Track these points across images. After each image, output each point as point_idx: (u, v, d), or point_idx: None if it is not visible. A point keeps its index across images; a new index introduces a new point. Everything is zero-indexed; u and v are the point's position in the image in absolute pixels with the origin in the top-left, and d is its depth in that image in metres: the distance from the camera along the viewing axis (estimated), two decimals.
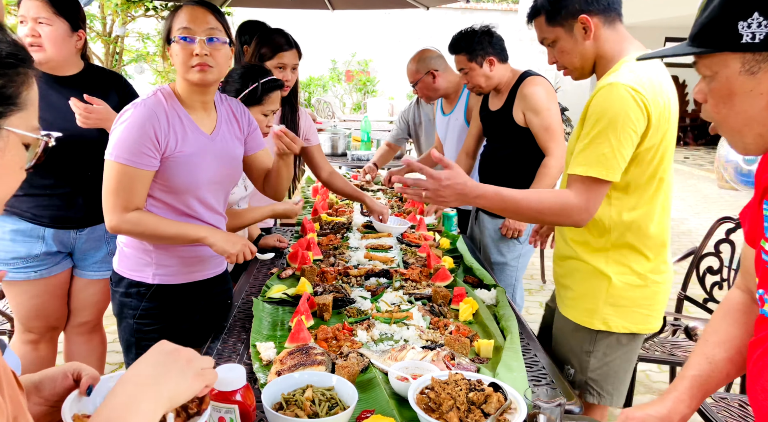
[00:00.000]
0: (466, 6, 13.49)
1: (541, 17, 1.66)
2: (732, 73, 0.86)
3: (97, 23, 7.32)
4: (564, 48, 1.65)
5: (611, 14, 1.61)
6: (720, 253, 2.60)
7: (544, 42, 1.70)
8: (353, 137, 5.41)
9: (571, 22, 1.61)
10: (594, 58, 1.64)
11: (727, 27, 0.83)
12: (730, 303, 1.20)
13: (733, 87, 0.87)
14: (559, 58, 1.68)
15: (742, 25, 0.82)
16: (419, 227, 2.75)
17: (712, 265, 2.62)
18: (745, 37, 0.82)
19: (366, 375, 1.44)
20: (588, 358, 1.74)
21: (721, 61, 0.87)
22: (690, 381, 1.14)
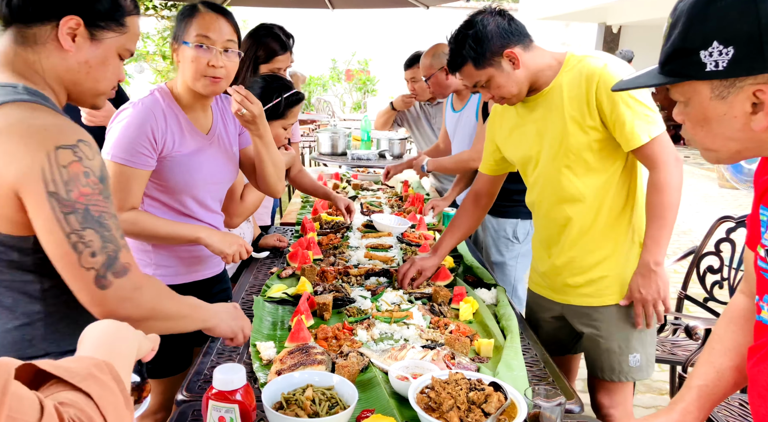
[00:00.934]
0: (466, 5, 13.48)
1: (468, 65, 1.74)
2: (704, 99, 0.87)
3: None
4: (499, 83, 1.74)
5: (525, 40, 1.73)
6: (720, 252, 2.60)
7: (477, 85, 1.78)
8: (353, 137, 5.41)
9: (497, 60, 1.71)
10: (528, 81, 1.75)
11: (690, 57, 0.84)
12: (735, 310, 1.18)
13: (706, 112, 0.88)
14: (497, 92, 1.77)
15: (704, 54, 0.83)
16: (419, 226, 2.75)
17: (713, 264, 2.61)
18: (709, 66, 0.83)
19: (366, 374, 1.44)
20: (646, 331, 1.79)
21: (691, 88, 0.88)
22: (697, 392, 1.12)
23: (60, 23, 1.04)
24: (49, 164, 0.94)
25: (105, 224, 1.01)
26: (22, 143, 0.94)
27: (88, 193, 0.98)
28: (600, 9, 11.03)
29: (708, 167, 10.18)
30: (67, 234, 0.97)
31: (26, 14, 1.04)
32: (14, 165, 0.94)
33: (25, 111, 0.98)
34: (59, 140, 0.96)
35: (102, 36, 1.09)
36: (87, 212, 0.98)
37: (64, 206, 0.96)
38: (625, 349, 1.79)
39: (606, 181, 1.73)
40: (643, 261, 1.70)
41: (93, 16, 1.07)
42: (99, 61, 1.10)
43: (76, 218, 0.97)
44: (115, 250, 1.02)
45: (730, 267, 2.58)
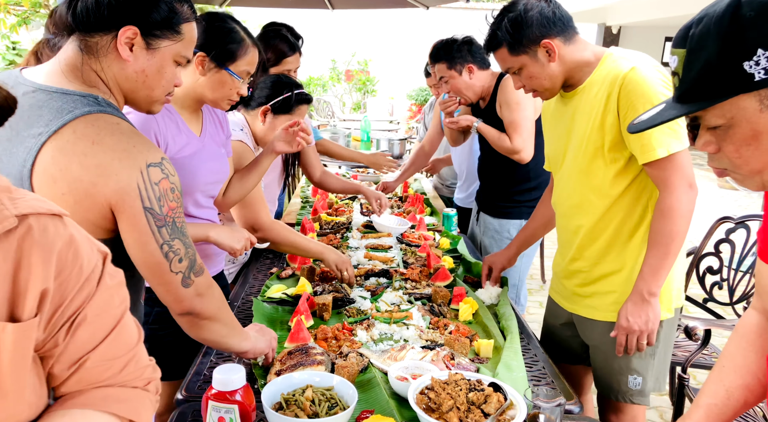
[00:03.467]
0: (466, 6, 13.49)
1: (503, 48, 1.66)
2: (751, 114, 0.83)
3: None
4: (532, 73, 1.66)
5: (569, 32, 1.64)
6: (720, 253, 2.60)
7: (510, 71, 1.72)
8: (353, 137, 5.41)
9: (534, 48, 1.63)
10: (563, 75, 1.67)
11: (732, 71, 0.81)
12: (747, 327, 1.14)
13: (757, 127, 0.83)
14: (528, 83, 1.70)
15: (749, 65, 0.79)
16: (419, 226, 2.75)
17: (712, 265, 2.62)
18: (758, 75, 0.79)
19: (366, 375, 1.44)
20: (653, 354, 1.69)
21: (734, 105, 0.83)
22: (705, 411, 1.10)
23: (119, 33, 1.07)
24: (144, 182, 1.04)
25: (185, 233, 1.14)
26: (117, 158, 1.01)
27: (175, 207, 1.10)
28: (600, 10, 11.03)
29: (707, 167, 10.16)
30: (160, 245, 1.08)
31: (88, 24, 1.08)
32: (112, 179, 1.01)
33: (111, 124, 1.04)
34: (149, 157, 1.05)
35: (158, 45, 1.12)
36: (174, 224, 1.10)
37: (158, 220, 1.07)
38: (624, 369, 1.71)
39: (620, 195, 1.64)
40: (637, 289, 1.58)
41: (149, 25, 1.10)
42: (155, 69, 1.13)
43: (167, 230, 1.09)
44: (193, 254, 1.16)
45: (730, 268, 2.58)
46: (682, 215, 1.53)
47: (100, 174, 1.00)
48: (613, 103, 1.56)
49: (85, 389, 0.77)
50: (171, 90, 1.21)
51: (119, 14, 1.07)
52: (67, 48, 1.10)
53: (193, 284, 1.16)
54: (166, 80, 1.16)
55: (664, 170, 1.53)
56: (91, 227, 1.03)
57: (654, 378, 1.73)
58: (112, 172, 1.00)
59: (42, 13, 6.21)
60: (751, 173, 0.88)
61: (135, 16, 1.08)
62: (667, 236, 1.54)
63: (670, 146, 1.50)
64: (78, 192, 1.00)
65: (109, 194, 1.01)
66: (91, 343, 0.75)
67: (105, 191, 1.01)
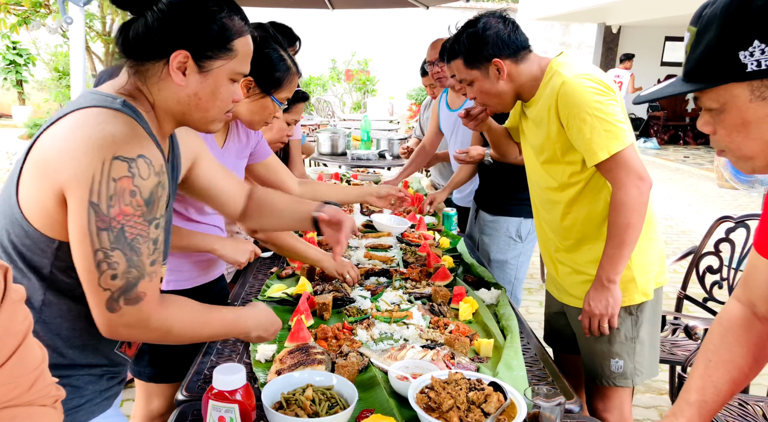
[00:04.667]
0: (466, 5, 13.49)
1: (459, 60, 1.80)
2: (742, 103, 0.85)
3: (97, 22, 7.32)
4: (482, 88, 1.80)
5: (521, 53, 1.76)
6: (720, 252, 2.60)
7: (463, 82, 1.84)
8: (353, 137, 5.42)
9: (486, 65, 1.75)
10: (512, 92, 1.80)
11: (728, 58, 0.83)
12: (731, 319, 1.15)
13: (746, 115, 0.86)
14: (478, 96, 1.83)
15: (744, 55, 0.81)
16: (419, 226, 2.75)
17: (712, 264, 2.62)
18: (750, 66, 0.81)
19: (366, 374, 1.44)
20: (636, 337, 1.78)
21: (728, 92, 0.86)
22: (698, 408, 1.10)
23: (170, 59, 1.05)
24: (101, 174, 0.94)
25: (136, 249, 0.98)
26: (85, 145, 0.95)
27: (129, 213, 0.96)
28: (600, 9, 11.03)
29: (707, 167, 10.19)
30: (94, 250, 0.95)
31: (138, 53, 1.06)
32: (70, 164, 0.94)
33: (107, 116, 0.99)
34: (120, 150, 0.95)
35: (210, 66, 1.08)
36: (121, 233, 0.96)
37: (101, 221, 0.95)
38: (606, 354, 1.79)
39: (580, 191, 1.76)
40: (597, 276, 1.71)
41: (200, 47, 1.06)
42: (209, 91, 1.10)
43: (109, 236, 0.96)
44: (137, 277, 0.99)
45: (730, 267, 2.58)
46: (633, 207, 1.63)
47: (62, 155, 0.95)
48: (554, 114, 1.69)
49: None
50: (230, 107, 1.16)
51: (169, 39, 1.04)
52: (122, 73, 1.11)
53: (119, 311, 0.99)
54: (221, 100, 1.12)
55: (610, 170, 1.64)
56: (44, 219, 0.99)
57: (637, 361, 1.80)
58: (74, 157, 0.94)
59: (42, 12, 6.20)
60: (744, 158, 0.91)
61: (185, 39, 1.04)
62: (620, 227, 1.64)
63: (610, 147, 1.61)
64: (41, 170, 0.97)
65: (63, 178, 0.95)
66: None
67: (61, 175, 0.95)
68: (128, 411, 2.30)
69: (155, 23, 1.04)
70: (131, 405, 1.90)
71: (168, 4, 1.05)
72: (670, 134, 13.47)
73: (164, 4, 1.04)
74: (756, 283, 1.10)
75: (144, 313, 1.02)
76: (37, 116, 10.34)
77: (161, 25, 1.04)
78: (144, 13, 1.05)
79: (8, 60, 11.70)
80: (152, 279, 1.02)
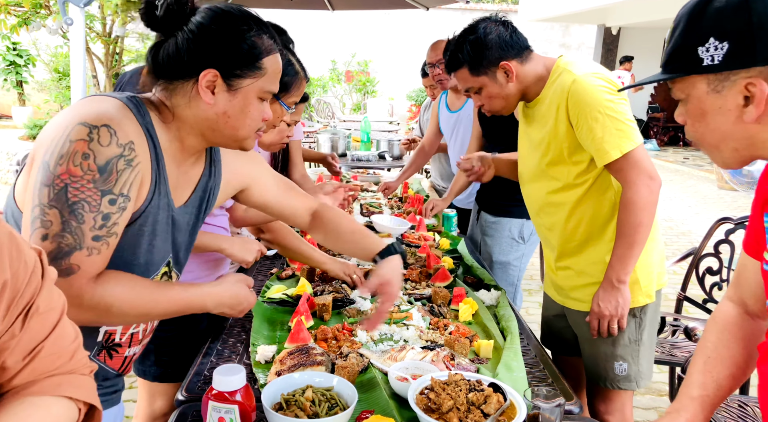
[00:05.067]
0: (466, 6, 13.49)
1: (464, 69, 1.77)
2: (701, 94, 0.94)
3: (97, 23, 7.33)
4: (491, 93, 1.77)
5: (524, 53, 1.74)
6: (719, 254, 2.60)
7: (470, 91, 1.81)
8: (353, 138, 5.43)
9: (493, 70, 1.73)
10: (519, 93, 1.78)
11: (689, 53, 0.92)
12: (726, 319, 1.18)
13: (704, 106, 0.94)
14: (487, 102, 1.80)
15: (701, 50, 0.91)
16: (419, 227, 2.75)
17: (712, 266, 2.62)
18: (706, 61, 0.90)
19: (366, 375, 1.44)
20: (639, 339, 1.77)
21: (690, 84, 0.95)
22: (700, 403, 1.12)
23: (199, 78, 1.06)
24: (60, 135, 0.94)
25: (77, 213, 0.93)
26: (62, 116, 0.97)
27: (77, 174, 0.93)
28: (600, 11, 11.04)
29: (707, 168, 10.19)
30: (33, 207, 0.93)
31: (168, 73, 1.08)
32: (43, 133, 0.97)
33: (98, 100, 1.01)
34: (87, 117, 0.96)
35: (239, 85, 1.09)
36: (63, 192, 0.92)
37: (46, 178, 0.93)
38: (610, 356, 1.79)
39: (586, 192, 1.74)
40: (607, 277, 1.70)
41: (229, 65, 1.07)
42: (238, 110, 1.11)
43: (49, 192, 0.92)
44: (70, 246, 0.93)
45: (729, 269, 2.58)
46: (644, 206, 1.63)
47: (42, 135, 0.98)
48: (563, 113, 1.67)
49: (37, 379, 0.78)
50: (260, 126, 1.17)
51: (199, 58, 1.05)
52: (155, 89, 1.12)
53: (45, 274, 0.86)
54: (250, 118, 1.13)
55: (621, 169, 1.63)
56: None
57: (640, 364, 1.80)
58: (46, 130, 0.97)
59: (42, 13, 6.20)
60: (710, 148, 0.99)
61: (214, 58, 1.05)
62: (631, 227, 1.64)
63: (622, 146, 1.60)
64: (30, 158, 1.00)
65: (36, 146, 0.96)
66: (44, 333, 0.77)
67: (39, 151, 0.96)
68: (130, 412, 2.30)
69: (185, 43, 1.05)
70: (133, 406, 1.90)
71: (198, 24, 1.06)
72: (670, 135, 13.49)
73: (194, 25, 1.06)
74: (747, 282, 1.14)
75: (74, 288, 0.95)
76: (37, 117, 10.34)
77: (191, 45, 1.05)
78: (175, 34, 1.06)
79: (8, 61, 11.71)
80: (91, 254, 0.97)
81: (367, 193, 3.71)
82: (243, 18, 1.09)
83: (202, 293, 1.22)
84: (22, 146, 7.82)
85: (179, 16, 1.06)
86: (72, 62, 2.91)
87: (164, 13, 1.05)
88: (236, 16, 1.08)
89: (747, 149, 0.95)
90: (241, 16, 1.09)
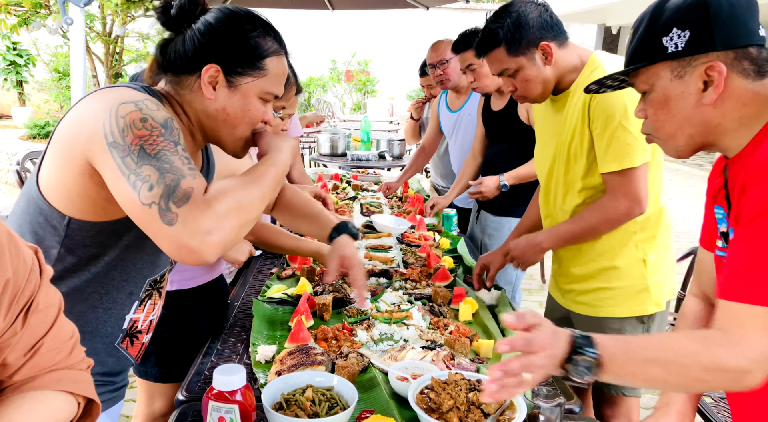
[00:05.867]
0: (466, 6, 13.49)
1: (501, 48, 1.66)
2: (665, 82, 1.03)
3: (97, 23, 7.33)
4: (527, 76, 1.68)
5: (562, 37, 1.69)
6: None
7: (505, 73, 1.71)
8: (353, 137, 5.42)
9: (532, 50, 1.65)
10: (555, 80, 1.70)
11: (654, 44, 1.03)
12: (693, 313, 1.26)
13: (667, 93, 1.04)
14: (522, 86, 1.71)
15: (666, 40, 1.01)
16: (419, 227, 2.75)
17: None
18: (670, 48, 1.01)
19: (366, 375, 1.44)
20: None
21: (654, 73, 1.05)
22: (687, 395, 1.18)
23: (201, 72, 1.08)
24: (109, 117, 0.95)
25: (164, 158, 0.94)
26: (95, 106, 0.98)
27: (144, 134, 0.95)
28: (600, 10, 11.04)
29: (707, 167, 10.18)
30: (126, 176, 0.93)
31: (177, 65, 1.10)
32: (85, 127, 0.97)
33: (120, 89, 1.02)
34: (124, 97, 0.97)
35: (239, 82, 1.11)
36: (142, 151, 0.93)
37: (121, 151, 0.93)
38: None
39: (596, 197, 1.70)
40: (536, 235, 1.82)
41: (231, 62, 1.09)
42: (237, 107, 1.12)
43: (132, 158, 0.93)
44: (175, 179, 0.93)
45: None
46: (612, 219, 1.65)
47: (78, 123, 0.99)
48: (586, 112, 1.64)
49: (38, 374, 0.80)
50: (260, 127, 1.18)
51: (203, 53, 1.08)
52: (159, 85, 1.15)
53: (178, 218, 0.91)
54: (249, 117, 1.14)
55: (613, 180, 1.63)
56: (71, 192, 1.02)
57: None
58: (85, 120, 0.98)
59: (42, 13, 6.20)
60: (667, 137, 1.08)
61: (217, 54, 1.08)
62: (588, 225, 1.69)
63: (623, 161, 1.60)
64: (62, 147, 1.01)
65: (82, 141, 0.96)
66: (43, 329, 0.79)
67: (80, 140, 0.97)
68: (129, 411, 2.30)
69: (192, 40, 1.09)
70: (132, 406, 1.90)
71: (206, 22, 1.09)
72: None
73: (202, 23, 1.09)
74: (706, 275, 1.21)
75: (201, 203, 0.93)
76: (37, 117, 10.33)
77: (197, 41, 1.08)
78: (183, 32, 1.10)
79: (8, 61, 11.71)
80: (195, 177, 0.96)
81: (367, 192, 3.71)
82: (249, 19, 1.12)
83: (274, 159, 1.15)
84: (22, 146, 7.82)
85: (190, 15, 1.09)
86: (72, 62, 2.91)
87: (177, 12, 1.08)
88: (243, 16, 1.11)
89: (701, 135, 1.04)
90: (247, 17, 1.12)
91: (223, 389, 1.06)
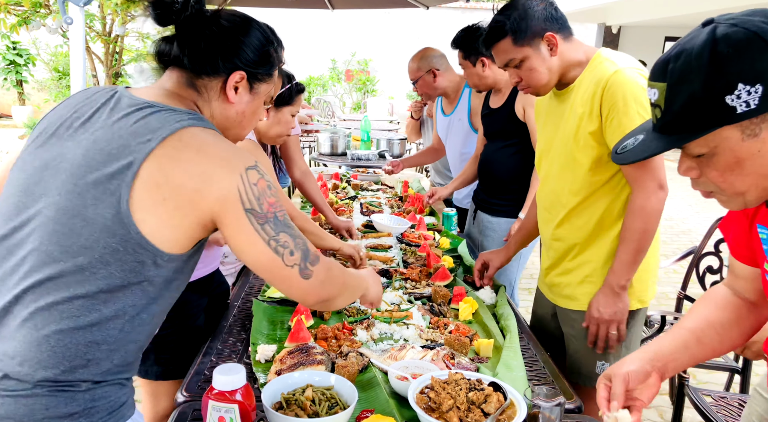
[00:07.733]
0: (466, 6, 13.49)
1: (507, 39, 1.71)
2: (734, 143, 0.89)
3: (97, 23, 7.32)
4: (533, 66, 1.71)
5: (566, 31, 1.73)
6: (720, 252, 2.60)
7: (510, 64, 1.75)
8: (353, 137, 5.42)
9: (537, 41, 1.69)
10: (560, 72, 1.73)
11: (715, 105, 0.86)
12: (715, 294, 1.25)
13: (739, 154, 0.90)
14: (527, 76, 1.74)
15: (731, 99, 0.84)
16: (419, 226, 2.75)
17: (712, 264, 2.62)
18: (740, 108, 0.85)
19: (366, 374, 1.44)
20: (625, 342, 1.76)
21: (718, 136, 0.89)
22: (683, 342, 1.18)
23: (228, 78, 1.14)
24: (243, 184, 1.05)
25: (289, 224, 1.12)
26: (219, 165, 1.03)
27: (273, 202, 1.09)
28: (600, 9, 11.04)
29: None
30: (267, 242, 1.08)
31: (199, 68, 1.13)
32: (215, 187, 1.02)
33: (213, 135, 1.08)
34: (247, 162, 1.07)
35: (259, 88, 1.19)
36: (276, 219, 1.09)
37: (260, 218, 1.07)
38: (592, 354, 1.77)
39: (598, 190, 1.71)
40: (608, 282, 1.68)
41: (256, 70, 1.16)
42: (252, 111, 1.21)
43: (270, 226, 1.08)
44: (304, 243, 1.13)
45: None
46: (651, 213, 1.62)
47: (204, 181, 1.02)
48: (597, 103, 1.63)
49: None
50: None
51: (231, 60, 1.13)
52: (167, 80, 1.14)
53: (313, 274, 1.13)
54: (256, 120, 1.25)
55: (636, 171, 1.62)
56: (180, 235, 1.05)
57: None
58: (214, 180, 1.03)
59: (42, 13, 6.19)
60: (735, 195, 0.95)
61: (245, 61, 1.14)
62: (638, 233, 1.64)
63: None
64: (180, 199, 1.01)
65: (212, 201, 1.03)
66: None
67: (208, 199, 1.02)
68: None
69: (220, 44, 1.12)
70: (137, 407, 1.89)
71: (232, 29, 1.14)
72: None
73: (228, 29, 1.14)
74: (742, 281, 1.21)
75: (326, 265, 1.16)
76: (37, 116, 10.34)
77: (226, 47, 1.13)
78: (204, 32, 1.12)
79: (8, 60, 11.71)
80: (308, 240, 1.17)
81: (367, 192, 3.71)
82: (270, 31, 1.21)
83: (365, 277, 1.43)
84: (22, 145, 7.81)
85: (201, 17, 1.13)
86: (72, 61, 2.90)
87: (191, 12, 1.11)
88: (264, 28, 1.19)
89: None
90: (269, 29, 1.21)
91: (223, 389, 1.06)
